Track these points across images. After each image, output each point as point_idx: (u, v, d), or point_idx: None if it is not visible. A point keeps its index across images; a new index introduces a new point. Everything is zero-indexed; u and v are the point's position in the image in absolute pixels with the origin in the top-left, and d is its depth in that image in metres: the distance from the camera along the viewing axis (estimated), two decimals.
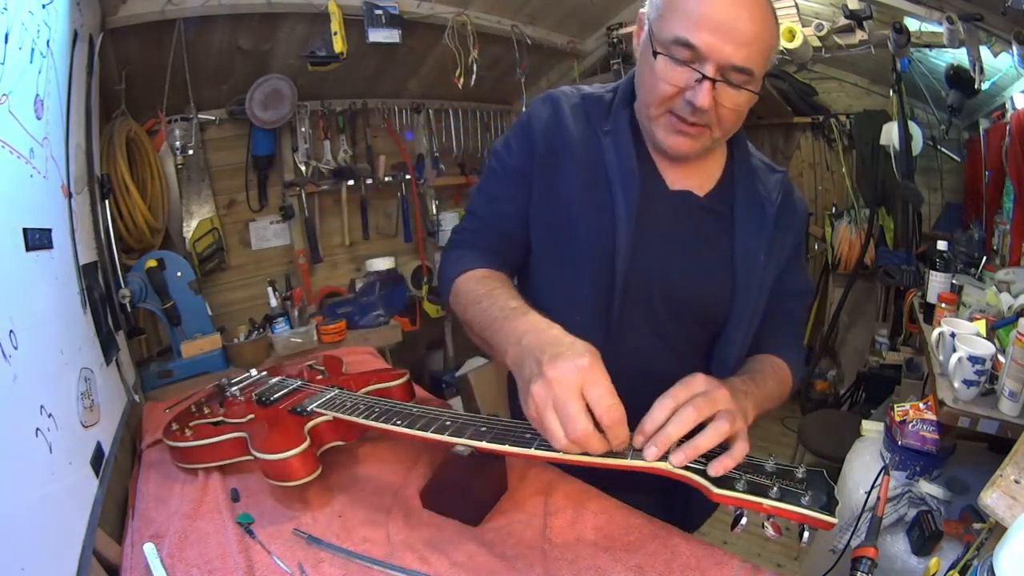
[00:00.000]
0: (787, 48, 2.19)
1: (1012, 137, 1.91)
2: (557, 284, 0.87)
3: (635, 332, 0.84)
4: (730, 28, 0.68)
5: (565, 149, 0.84)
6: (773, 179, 0.88)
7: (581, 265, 0.83)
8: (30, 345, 0.66)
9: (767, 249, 0.85)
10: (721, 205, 0.85)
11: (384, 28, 1.89)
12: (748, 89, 0.71)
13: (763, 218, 0.85)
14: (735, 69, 0.70)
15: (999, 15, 1.67)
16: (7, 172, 0.71)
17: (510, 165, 0.88)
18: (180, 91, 1.85)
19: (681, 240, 0.84)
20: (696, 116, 0.73)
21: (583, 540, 0.71)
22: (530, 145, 0.86)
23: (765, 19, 0.70)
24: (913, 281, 2.30)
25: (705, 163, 0.86)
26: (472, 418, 0.76)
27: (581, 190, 0.82)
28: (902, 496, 1.35)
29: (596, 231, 0.81)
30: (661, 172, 0.85)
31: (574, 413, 0.55)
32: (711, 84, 0.69)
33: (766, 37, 0.70)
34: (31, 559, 0.57)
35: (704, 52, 0.69)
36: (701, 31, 0.68)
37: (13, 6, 0.76)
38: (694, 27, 0.68)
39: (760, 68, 0.71)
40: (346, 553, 0.69)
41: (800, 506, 0.53)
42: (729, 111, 0.74)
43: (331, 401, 0.88)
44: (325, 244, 2.43)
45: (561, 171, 0.84)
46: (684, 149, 0.78)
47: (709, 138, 0.77)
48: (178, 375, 1.65)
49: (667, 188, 0.84)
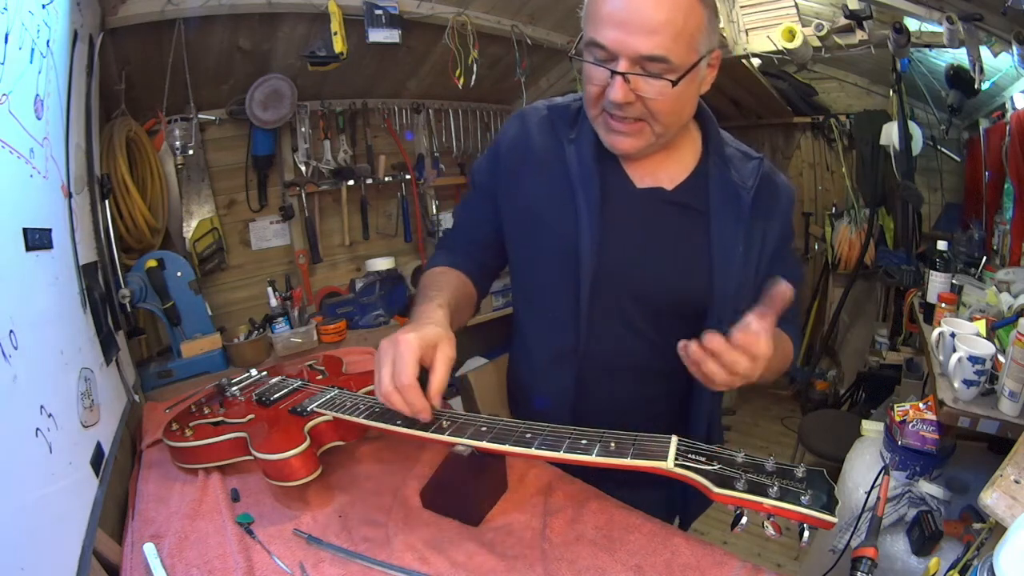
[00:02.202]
0: (787, 48, 2.19)
1: (1012, 137, 1.91)
2: (532, 287, 0.93)
3: (609, 329, 0.86)
4: (633, 21, 0.69)
5: (529, 161, 0.88)
6: (749, 166, 0.87)
7: (550, 268, 0.87)
8: (30, 345, 0.66)
9: (745, 239, 0.85)
10: (693, 198, 0.86)
11: (384, 28, 1.89)
12: (667, 77, 0.72)
13: (739, 207, 0.84)
14: (647, 59, 0.71)
15: (999, 15, 1.67)
16: (7, 172, 0.71)
17: (480, 183, 0.97)
18: (180, 91, 1.84)
19: (651, 236, 0.85)
20: (621, 111, 0.75)
21: (583, 540, 0.71)
22: (495, 163, 0.93)
23: (673, 4, 0.70)
24: (913, 281, 2.30)
25: (673, 158, 0.87)
26: (472, 418, 0.76)
27: (546, 197, 0.86)
28: (902, 496, 1.35)
29: (561, 234, 0.84)
30: (627, 171, 0.86)
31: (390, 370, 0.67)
32: (622, 78, 0.71)
33: (677, 20, 0.70)
34: (31, 559, 0.57)
35: (612, 49, 0.71)
36: (607, 29, 0.71)
37: (13, 6, 0.76)
38: (601, 27, 0.71)
39: (678, 53, 0.71)
40: (346, 553, 0.69)
41: (800, 505, 0.53)
42: (657, 101, 0.74)
43: (331, 401, 0.88)
44: (325, 244, 2.42)
45: (526, 182, 0.88)
46: (624, 147, 0.80)
47: (651, 133, 0.78)
48: (178, 375, 1.65)
49: (633, 186, 0.86)
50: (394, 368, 0.67)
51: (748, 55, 2.48)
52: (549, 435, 0.69)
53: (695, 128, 0.90)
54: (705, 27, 0.73)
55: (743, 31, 2.41)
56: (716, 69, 0.80)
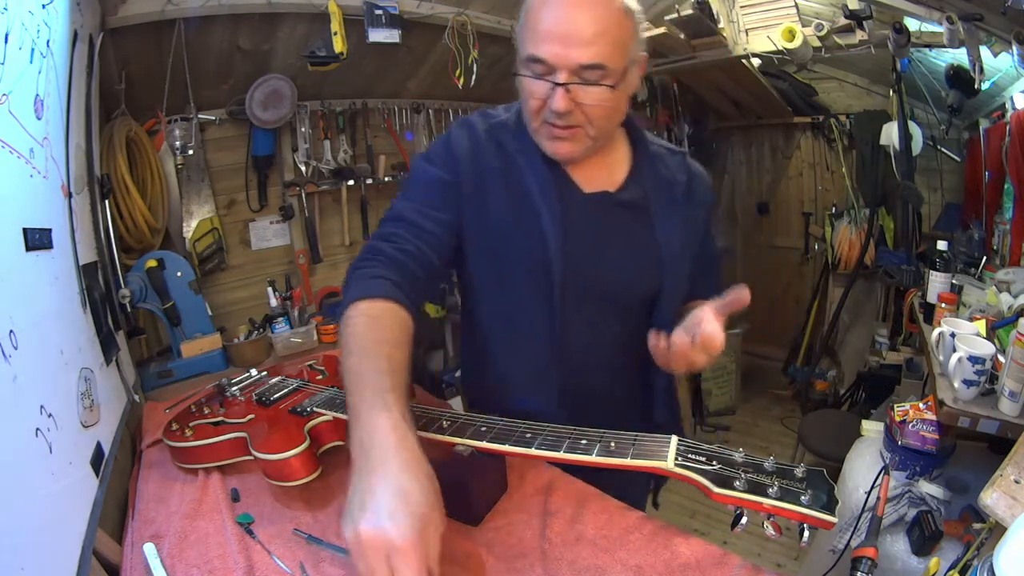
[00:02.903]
0: (787, 48, 2.19)
1: (1012, 137, 1.91)
2: (499, 302, 0.92)
3: (579, 331, 0.90)
4: (570, 34, 0.74)
5: (489, 175, 0.88)
6: (675, 161, 0.95)
7: (519, 280, 0.88)
8: (30, 345, 0.66)
9: (682, 226, 0.92)
10: (635, 196, 0.91)
11: (384, 28, 1.89)
12: (605, 84, 0.76)
13: (673, 199, 0.92)
14: (585, 68, 0.75)
15: (999, 15, 1.67)
16: (7, 172, 0.71)
17: (437, 176, 0.88)
18: (180, 91, 1.84)
19: (606, 237, 0.90)
20: (563, 119, 0.79)
21: (583, 540, 0.71)
22: (455, 165, 0.88)
23: (606, 14, 0.74)
24: (913, 281, 2.30)
25: (609, 160, 0.92)
26: (472, 418, 0.76)
27: (509, 212, 0.87)
28: (902, 496, 1.35)
29: (528, 247, 0.86)
30: (573, 178, 0.89)
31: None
32: (564, 88, 0.76)
33: (612, 28, 0.75)
34: (31, 559, 0.57)
35: (552, 62, 0.75)
36: (546, 44, 0.75)
37: (13, 6, 0.76)
38: (540, 42, 0.75)
39: (615, 59, 0.76)
40: (346, 553, 0.69)
41: (800, 505, 0.53)
42: (594, 107, 0.78)
43: (331, 401, 0.88)
44: (325, 244, 2.42)
45: (489, 196, 0.88)
46: (565, 152, 0.83)
47: (586, 136, 0.82)
48: (178, 375, 1.65)
49: (582, 192, 0.89)
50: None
51: (748, 55, 2.48)
52: (549, 435, 0.69)
53: (621, 131, 0.94)
54: (634, 34, 0.79)
55: (743, 31, 2.42)
56: (643, 72, 0.86)
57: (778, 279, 3.69)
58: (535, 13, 0.76)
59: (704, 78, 3.10)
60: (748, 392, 3.42)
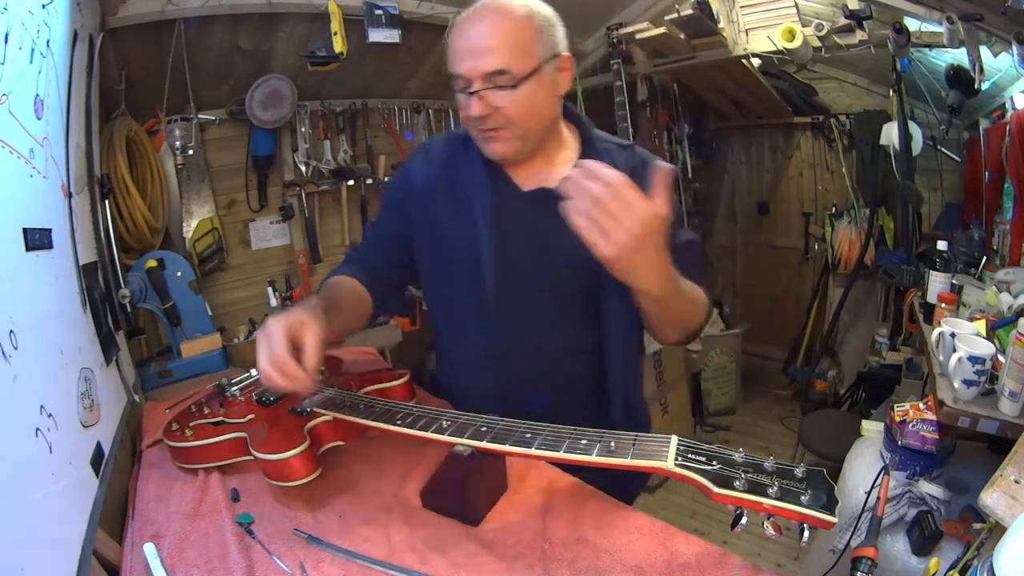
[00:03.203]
0: (787, 48, 2.19)
1: (1012, 137, 1.91)
2: (443, 298, 1.04)
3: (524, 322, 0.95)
4: (476, 48, 0.84)
5: (437, 184, 1.00)
6: (623, 154, 0.97)
7: (458, 277, 0.98)
8: (30, 345, 0.66)
9: None
10: None
11: (384, 28, 1.89)
12: (512, 86, 0.84)
13: None
14: (492, 74, 0.83)
15: (999, 15, 1.67)
16: (7, 172, 0.71)
17: (390, 207, 1.08)
18: (180, 91, 1.84)
19: (542, 231, 0.92)
20: (484, 123, 0.87)
21: (583, 540, 0.71)
22: (406, 191, 1.04)
23: (504, 23, 0.84)
24: (913, 281, 2.30)
25: (553, 160, 0.97)
26: (472, 418, 0.76)
27: (452, 215, 0.97)
28: (902, 496, 1.35)
29: (466, 245, 0.95)
30: (514, 179, 0.96)
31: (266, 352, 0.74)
32: (476, 95, 0.85)
33: (511, 35, 0.84)
34: (31, 559, 0.57)
35: (466, 75, 0.85)
36: (460, 61, 0.85)
37: (13, 6, 0.76)
38: (456, 60, 0.86)
39: (516, 63, 0.83)
40: (346, 553, 0.69)
41: (800, 505, 0.53)
42: (509, 108, 0.86)
43: (331, 401, 0.88)
44: (325, 244, 2.42)
45: (436, 203, 0.99)
46: (498, 152, 0.91)
47: (513, 136, 0.89)
48: (178, 375, 1.65)
49: (520, 190, 0.96)
50: (268, 350, 0.74)
51: (748, 55, 2.48)
52: (549, 435, 0.69)
53: (572, 131, 1.00)
54: (538, 37, 0.86)
55: (743, 31, 2.42)
56: (569, 72, 0.92)
57: (778, 279, 3.70)
58: (451, 38, 0.87)
59: (704, 78, 3.10)
60: (748, 392, 3.42)
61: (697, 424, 3.11)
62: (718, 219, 3.95)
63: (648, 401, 2.71)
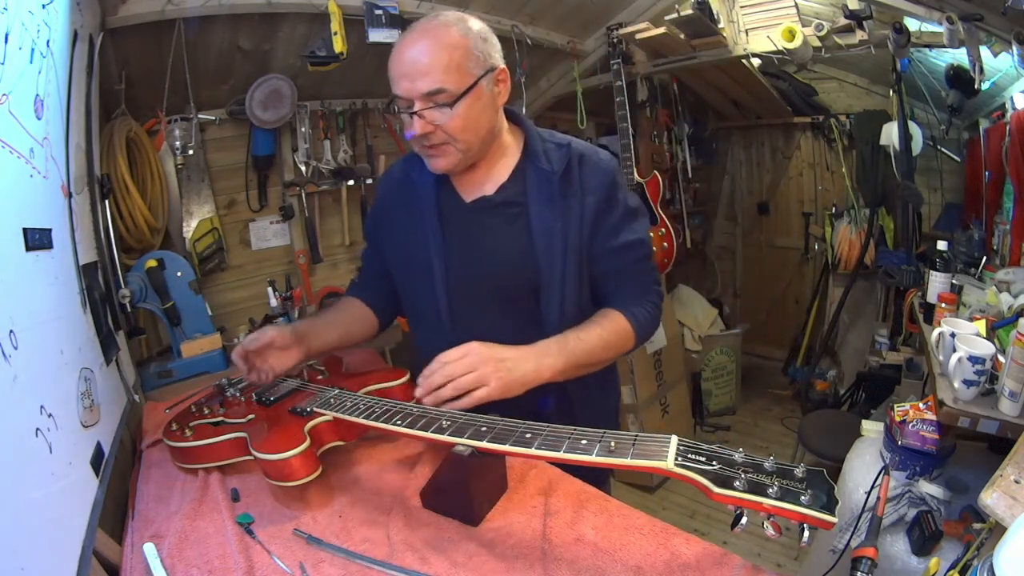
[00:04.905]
0: (787, 48, 2.19)
1: (1012, 137, 1.91)
2: (408, 307, 1.14)
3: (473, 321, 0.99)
4: (410, 71, 0.87)
5: (395, 210, 1.08)
6: (558, 154, 1.01)
7: (417, 286, 1.05)
8: (30, 345, 0.66)
9: (562, 214, 0.98)
10: (512, 195, 1.00)
11: (384, 28, 1.89)
12: (448, 104, 0.88)
13: (550, 188, 0.98)
14: (430, 94, 0.87)
15: (999, 15, 1.67)
16: (7, 172, 0.71)
17: (369, 233, 1.21)
18: (180, 91, 1.84)
19: (485, 236, 1.00)
20: (427, 140, 0.91)
21: (583, 540, 0.71)
22: (376, 213, 1.16)
23: (437, 45, 0.87)
24: (913, 281, 2.29)
25: (494, 168, 1.01)
26: (472, 418, 0.76)
27: (409, 230, 1.04)
28: (902, 496, 1.35)
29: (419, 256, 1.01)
30: (459, 191, 1.02)
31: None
32: (417, 115, 0.89)
33: (442, 58, 0.87)
34: (31, 559, 0.57)
35: (406, 96, 0.89)
36: (400, 83, 0.89)
37: (13, 6, 0.76)
38: (395, 83, 0.89)
39: (451, 82, 0.87)
40: (346, 553, 0.69)
41: (800, 505, 0.53)
42: (449, 124, 0.90)
43: (331, 401, 0.88)
44: (325, 244, 2.42)
45: (396, 220, 1.08)
46: (442, 166, 0.95)
47: (455, 150, 0.93)
48: (178, 375, 1.65)
49: (463, 201, 1.01)
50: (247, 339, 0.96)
51: (748, 55, 2.48)
52: (549, 435, 0.69)
53: (517, 135, 1.04)
54: (471, 54, 0.89)
55: (743, 31, 2.41)
56: (506, 84, 0.97)
57: (778, 279, 3.70)
58: (390, 62, 0.90)
59: (704, 78, 3.10)
60: (748, 392, 3.42)
61: (697, 424, 3.11)
62: (718, 219, 3.95)
63: (648, 401, 2.72)
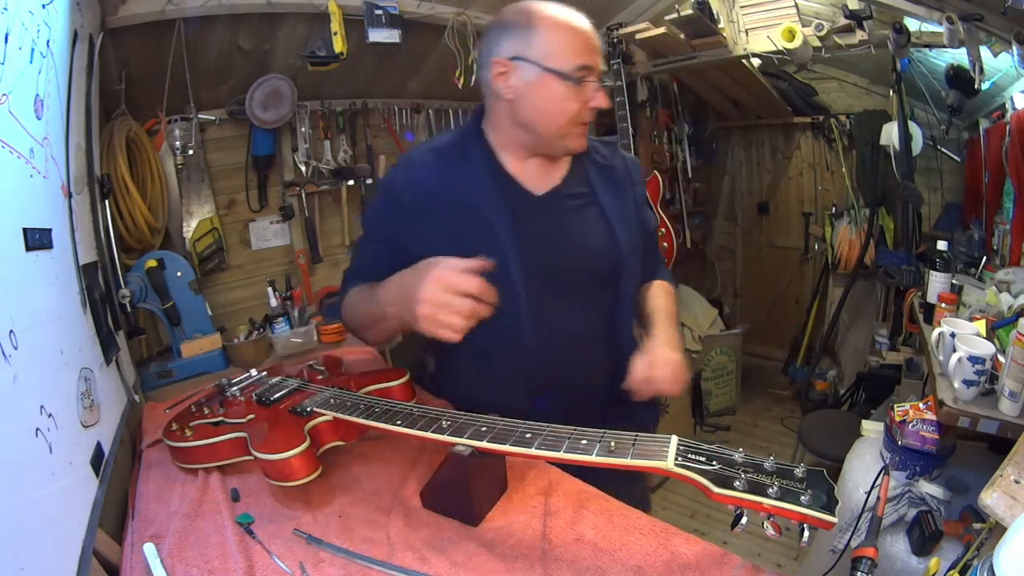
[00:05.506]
0: (787, 48, 2.19)
1: (1012, 137, 1.90)
2: None
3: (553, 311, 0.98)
4: (594, 44, 0.92)
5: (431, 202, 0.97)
6: (608, 149, 1.09)
7: None
8: (30, 345, 0.66)
9: (625, 203, 1.05)
10: (579, 186, 1.03)
11: (384, 28, 1.89)
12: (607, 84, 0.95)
13: (613, 182, 1.05)
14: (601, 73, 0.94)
15: (999, 15, 1.67)
16: (7, 172, 0.71)
17: (377, 234, 1.04)
18: (180, 91, 1.84)
19: (563, 227, 1.00)
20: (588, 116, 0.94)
21: (583, 540, 0.71)
22: (394, 212, 1.00)
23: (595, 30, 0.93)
24: (913, 281, 2.30)
25: (557, 160, 1.02)
26: (472, 418, 0.76)
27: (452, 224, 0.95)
28: (902, 496, 1.35)
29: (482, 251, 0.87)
30: (524, 185, 1.00)
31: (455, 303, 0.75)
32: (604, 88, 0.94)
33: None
34: (31, 559, 0.57)
35: (595, 67, 0.91)
36: (587, 55, 0.90)
37: (13, 6, 0.76)
38: (582, 54, 0.90)
39: None
40: (346, 553, 0.69)
41: (800, 505, 0.53)
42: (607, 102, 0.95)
43: (331, 401, 0.88)
44: (325, 244, 2.42)
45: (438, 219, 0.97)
46: (584, 145, 1.00)
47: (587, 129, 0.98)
48: (178, 375, 1.65)
49: (534, 196, 1.00)
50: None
51: (748, 55, 2.48)
52: (549, 435, 0.69)
53: None
54: None
55: (743, 31, 2.42)
56: None
57: (778, 279, 3.70)
58: (556, 31, 0.89)
59: (704, 78, 3.10)
60: (748, 392, 3.42)
61: (697, 424, 3.11)
62: (718, 219, 3.95)
63: None
